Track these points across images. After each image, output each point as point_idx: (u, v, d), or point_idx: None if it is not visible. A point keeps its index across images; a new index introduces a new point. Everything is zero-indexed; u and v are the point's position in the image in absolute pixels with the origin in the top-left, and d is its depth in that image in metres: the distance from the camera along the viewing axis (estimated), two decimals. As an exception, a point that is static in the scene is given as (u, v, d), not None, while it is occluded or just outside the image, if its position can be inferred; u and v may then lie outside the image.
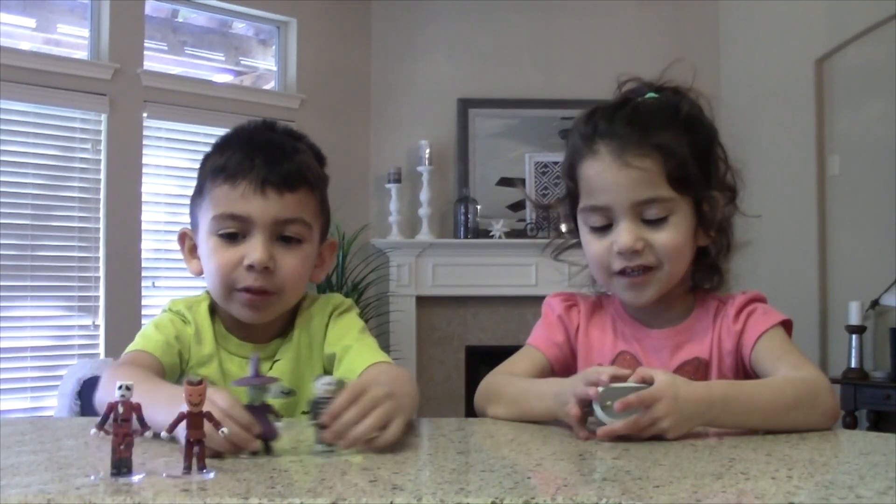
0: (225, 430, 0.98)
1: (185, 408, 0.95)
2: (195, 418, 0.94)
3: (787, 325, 1.42)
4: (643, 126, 1.38)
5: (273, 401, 1.49)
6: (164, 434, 0.94)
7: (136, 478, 0.90)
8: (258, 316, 1.48)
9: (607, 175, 1.37)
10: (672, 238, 1.37)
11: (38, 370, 4.45)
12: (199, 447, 0.93)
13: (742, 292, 1.46)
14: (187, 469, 0.92)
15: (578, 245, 1.50)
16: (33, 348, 4.46)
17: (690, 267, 1.46)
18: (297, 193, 1.46)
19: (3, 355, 4.32)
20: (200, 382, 0.95)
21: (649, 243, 1.37)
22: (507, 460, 1.00)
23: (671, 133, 1.38)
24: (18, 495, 0.81)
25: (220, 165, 1.46)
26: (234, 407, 1.03)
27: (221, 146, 1.51)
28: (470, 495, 0.82)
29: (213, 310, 1.54)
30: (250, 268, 1.42)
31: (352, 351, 1.49)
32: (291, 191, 1.45)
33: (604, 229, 1.40)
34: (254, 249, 1.42)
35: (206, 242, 1.48)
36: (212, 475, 0.91)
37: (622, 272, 1.39)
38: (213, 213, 1.45)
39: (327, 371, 1.53)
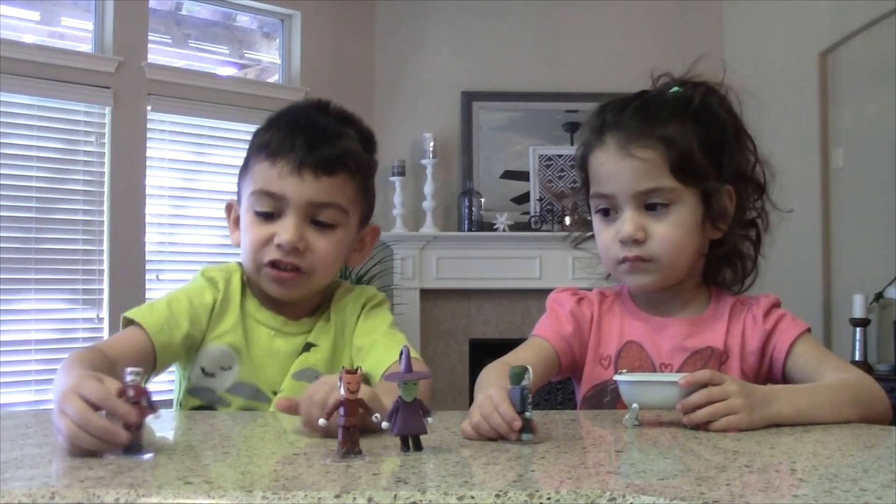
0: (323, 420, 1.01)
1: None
2: (351, 405, 0.97)
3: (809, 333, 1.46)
4: (649, 118, 1.41)
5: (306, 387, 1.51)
6: (321, 421, 0.99)
7: (146, 456, 0.95)
8: (286, 292, 1.50)
9: (611, 165, 1.41)
10: (671, 230, 1.39)
11: (42, 363, 4.44)
12: (353, 432, 0.97)
13: (765, 294, 1.48)
14: (344, 453, 0.96)
15: (593, 236, 1.53)
16: (37, 341, 4.46)
17: (701, 259, 1.47)
18: (335, 178, 1.47)
19: (7, 348, 4.33)
20: (356, 371, 0.99)
21: (649, 233, 1.39)
22: (510, 453, 1.00)
23: (677, 125, 1.40)
24: (22, 488, 0.81)
25: (264, 142, 1.49)
26: (107, 399, 0.97)
27: (270, 123, 1.53)
28: (474, 488, 0.82)
29: (249, 280, 1.56)
30: (279, 247, 1.45)
31: (378, 345, 1.50)
32: (328, 175, 1.46)
33: (611, 217, 1.44)
34: (284, 229, 1.45)
35: (244, 216, 1.51)
36: (367, 459, 0.95)
37: (624, 259, 1.42)
38: (252, 189, 1.48)
39: (354, 361, 1.54)
